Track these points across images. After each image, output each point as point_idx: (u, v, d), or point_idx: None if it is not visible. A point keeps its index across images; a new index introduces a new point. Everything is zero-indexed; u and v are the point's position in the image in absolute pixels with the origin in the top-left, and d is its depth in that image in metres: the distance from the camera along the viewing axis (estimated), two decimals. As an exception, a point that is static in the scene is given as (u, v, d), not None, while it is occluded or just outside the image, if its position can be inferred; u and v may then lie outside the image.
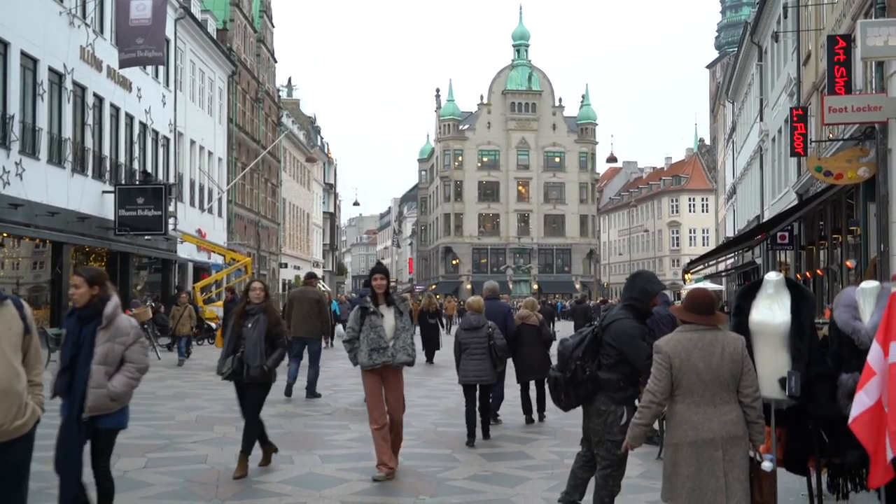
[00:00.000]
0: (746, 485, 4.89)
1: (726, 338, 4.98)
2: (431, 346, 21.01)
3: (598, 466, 6.05)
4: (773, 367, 5.70)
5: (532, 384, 11.33)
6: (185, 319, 20.12)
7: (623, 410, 5.87)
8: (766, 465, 5.14)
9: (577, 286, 78.94)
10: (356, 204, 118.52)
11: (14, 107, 20.72)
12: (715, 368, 4.85)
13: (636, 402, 5.87)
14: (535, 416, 11.32)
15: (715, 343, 4.90)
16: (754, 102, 33.73)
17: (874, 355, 5.01)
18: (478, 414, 9.87)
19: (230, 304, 18.62)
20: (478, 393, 9.81)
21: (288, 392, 13.50)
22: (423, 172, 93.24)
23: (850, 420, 5.07)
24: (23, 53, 21.16)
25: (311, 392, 13.72)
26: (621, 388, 5.91)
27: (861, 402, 5.01)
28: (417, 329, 22.44)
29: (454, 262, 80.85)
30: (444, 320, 32.70)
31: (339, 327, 25.63)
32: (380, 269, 8.28)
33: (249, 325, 7.97)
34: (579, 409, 6.25)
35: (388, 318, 7.98)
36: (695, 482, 4.82)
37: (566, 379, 6.18)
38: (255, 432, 8.02)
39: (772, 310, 5.80)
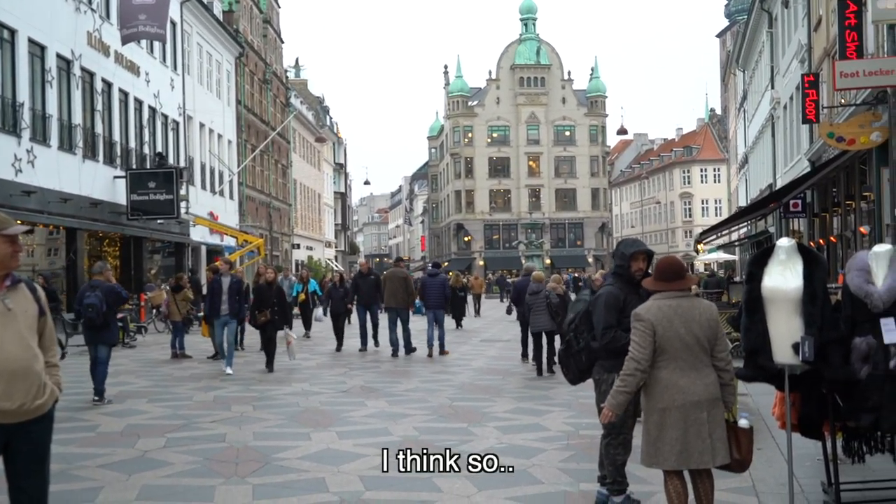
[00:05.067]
0: (727, 444, 5.06)
1: (702, 304, 5.19)
2: (459, 314, 25.62)
3: (601, 436, 6.10)
4: (786, 333, 5.70)
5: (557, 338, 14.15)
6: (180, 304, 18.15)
7: (614, 378, 5.87)
8: (743, 423, 5.23)
9: (590, 260, 78.85)
10: (367, 183, 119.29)
11: (23, 94, 20.77)
12: (695, 333, 5.00)
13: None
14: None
15: (693, 309, 5.07)
16: (765, 70, 33.43)
17: None
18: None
19: (214, 285, 17.70)
20: (544, 340, 13.79)
21: (405, 351, 16.64)
22: (433, 150, 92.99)
23: None
24: (30, 41, 21.19)
25: (408, 348, 16.67)
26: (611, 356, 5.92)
27: None
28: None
29: (466, 238, 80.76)
30: (472, 298, 32.87)
31: (317, 310, 25.44)
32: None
33: None
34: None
35: None
36: (682, 444, 4.96)
37: (563, 351, 6.29)
38: None
39: (784, 276, 5.77)
